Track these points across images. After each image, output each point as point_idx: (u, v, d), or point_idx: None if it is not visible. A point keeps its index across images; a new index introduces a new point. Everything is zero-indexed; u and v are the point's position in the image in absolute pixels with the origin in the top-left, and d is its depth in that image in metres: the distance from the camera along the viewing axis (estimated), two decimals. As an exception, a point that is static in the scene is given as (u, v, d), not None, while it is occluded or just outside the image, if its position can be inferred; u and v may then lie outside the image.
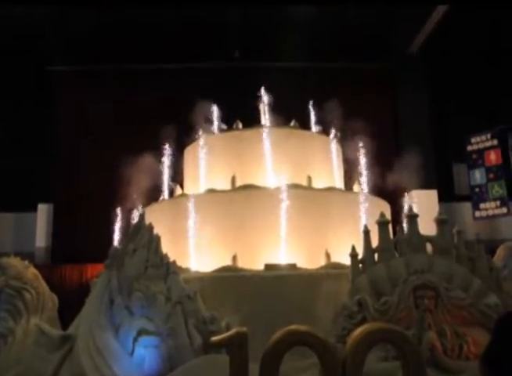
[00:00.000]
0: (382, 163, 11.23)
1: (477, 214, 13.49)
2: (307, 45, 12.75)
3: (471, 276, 5.40)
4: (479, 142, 13.81)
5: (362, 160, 10.28)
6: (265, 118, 9.96)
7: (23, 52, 13.55)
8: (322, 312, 6.58)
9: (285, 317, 6.30)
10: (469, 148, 13.91)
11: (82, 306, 5.93)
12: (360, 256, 5.92)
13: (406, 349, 4.23)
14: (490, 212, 13.32)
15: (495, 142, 13.57)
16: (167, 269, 5.46)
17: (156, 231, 5.98)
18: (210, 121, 10.41)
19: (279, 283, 6.84)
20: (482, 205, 13.39)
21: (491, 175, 13.47)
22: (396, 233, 6.22)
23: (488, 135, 13.64)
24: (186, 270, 7.30)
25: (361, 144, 10.39)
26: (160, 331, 4.92)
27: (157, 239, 5.68)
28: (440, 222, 5.82)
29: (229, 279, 6.88)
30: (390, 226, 6.34)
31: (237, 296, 6.69)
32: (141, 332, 4.93)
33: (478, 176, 13.66)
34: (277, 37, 12.61)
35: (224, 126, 10.12)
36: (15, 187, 13.28)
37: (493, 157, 13.57)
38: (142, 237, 5.63)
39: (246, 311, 6.42)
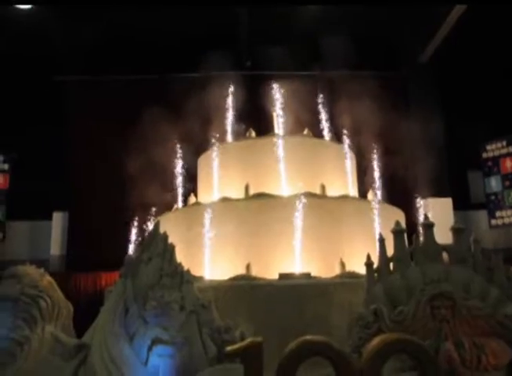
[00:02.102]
0: (396, 171, 11.19)
1: (494, 222, 13.35)
2: (319, 53, 12.78)
3: (489, 285, 5.31)
4: (494, 149, 13.70)
5: (376, 169, 10.24)
6: (278, 127, 9.99)
7: (31, 61, 13.71)
8: (337, 321, 6.55)
9: (299, 327, 6.29)
10: (484, 155, 13.80)
11: (97, 314, 5.94)
12: (375, 265, 5.86)
13: (423, 360, 4.18)
14: (506, 220, 13.17)
15: (511, 149, 13.43)
16: (181, 277, 5.44)
17: (170, 240, 6.00)
18: (223, 130, 10.46)
19: (294, 292, 6.82)
20: (498, 213, 13.25)
21: (507, 183, 13.34)
22: (411, 242, 6.17)
23: (504, 142, 13.53)
24: (200, 279, 7.31)
25: (374, 152, 10.36)
26: (174, 341, 4.90)
27: (172, 248, 5.67)
28: (456, 231, 5.75)
29: (243, 288, 6.87)
30: (405, 235, 6.30)
31: (251, 305, 6.68)
32: (155, 341, 4.91)
33: (494, 184, 13.53)
34: (289, 47, 12.65)
35: (237, 135, 10.16)
36: (30, 195, 13.41)
37: (509, 165, 13.45)
38: (157, 246, 5.63)
39: (260, 320, 6.40)
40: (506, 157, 13.44)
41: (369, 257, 5.82)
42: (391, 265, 5.78)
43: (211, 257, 7.76)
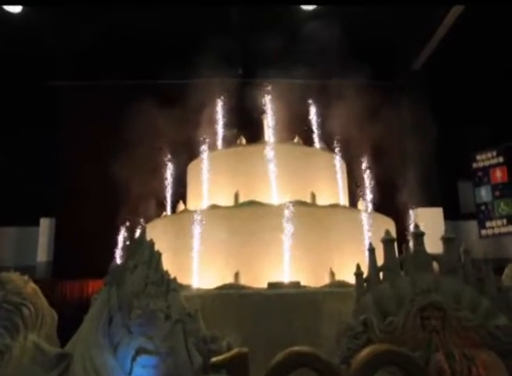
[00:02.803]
0: (386, 180, 11.15)
1: (484, 232, 13.37)
2: (310, 61, 12.77)
3: (479, 296, 5.25)
4: (484, 159, 13.75)
5: (367, 178, 10.20)
6: (269, 134, 9.93)
7: (23, 65, 13.60)
8: (326, 331, 6.45)
9: (288, 337, 6.19)
10: (474, 165, 13.84)
11: (82, 323, 5.82)
12: (365, 275, 5.79)
13: (413, 372, 4.11)
14: (496, 230, 13.19)
15: (501, 159, 13.51)
16: (167, 286, 5.33)
17: (157, 247, 5.89)
18: (213, 138, 10.39)
19: (282, 301, 6.73)
20: (488, 223, 13.27)
21: (497, 193, 13.37)
22: (402, 252, 6.11)
23: (494, 153, 13.58)
24: (187, 287, 7.19)
25: (365, 161, 10.33)
26: (159, 351, 4.78)
27: (158, 255, 5.56)
28: (447, 241, 5.70)
29: (231, 297, 6.77)
30: (395, 244, 6.24)
31: (239, 314, 6.58)
32: (139, 351, 4.79)
33: (484, 194, 13.57)
34: (280, 54, 12.63)
35: (229, 139, 10.10)
36: (17, 201, 13.24)
37: (499, 175, 13.49)
38: (143, 254, 5.52)
39: (248, 330, 6.30)
40: (497, 167, 13.49)
41: (358, 266, 5.75)
42: (381, 274, 5.71)
43: (199, 265, 7.65)
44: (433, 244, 5.89)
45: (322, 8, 13.19)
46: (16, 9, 13.08)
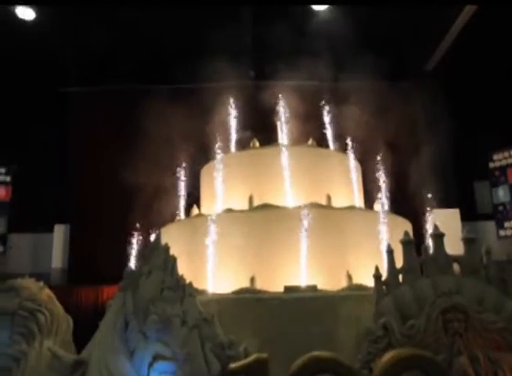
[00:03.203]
0: (402, 182, 11.01)
1: (502, 233, 13.12)
2: (323, 63, 12.68)
3: (503, 298, 5.11)
4: (501, 158, 13.51)
5: (382, 179, 10.07)
6: (283, 137, 9.85)
7: (34, 72, 13.68)
8: (344, 335, 6.35)
9: (305, 341, 6.08)
10: (491, 165, 13.61)
11: (97, 329, 5.78)
12: (384, 277, 5.67)
13: (437, 377, 3.99)
14: (515, 231, 12.95)
15: (519, 159, 13.26)
16: (183, 291, 5.26)
17: (172, 252, 5.82)
18: (226, 141, 10.34)
19: (299, 305, 6.63)
20: (507, 224, 13.02)
21: (515, 193, 13.13)
22: (419, 254, 5.99)
23: (511, 152, 13.32)
24: (203, 292, 7.12)
25: (380, 162, 10.20)
26: (176, 357, 4.71)
27: (173, 260, 5.49)
28: (468, 241, 5.56)
29: (248, 301, 6.69)
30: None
31: (256, 319, 6.49)
32: (156, 357, 4.72)
33: (502, 194, 13.33)
34: (293, 56, 12.57)
35: (243, 142, 10.05)
36: (32, 207, 13.30)
37: (517, 174, 13.25)
38: (158, 258, 5.46)
39: (265, 334, 6.21)
40: (514, 166, 13.28)
41: (377, 269, 5.63)
42: (400, 277, 5.59)
43: (215, 270, 7.57)
44: (450, 246, 5.76)
45: (335, 8, 13.10)
46: (28, 15, 13.20)
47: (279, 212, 7.84)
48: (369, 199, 9.61)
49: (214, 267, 7.55)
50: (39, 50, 13.54)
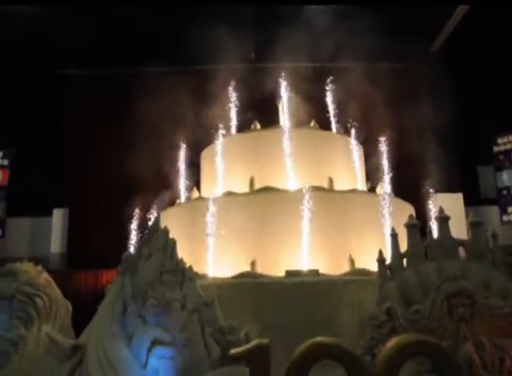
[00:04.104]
0: (405, 165, 10.87)
1: (505, 218, 13.01)
2: (325, 45, 12.45)
3: (510, 283, 4.99)
4: (506, 142, 13.35)
5: (385, 162, 9.93)
6: (284, 119, 9.69)
7: (32, 56, 13.46)
8: (347, 320, 6.26)
9: (307, 326, 6.00)
10: (495, 149, 13.43)
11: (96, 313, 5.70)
12: (387, 261, 5.55)
13: (443, 363, 3.87)
14: (518, 216, 12.83)
15: (524, 142, 13.09)
16: (183, 274, 5.15)
17: (172, 235, 5.71)
18: (227, 123, 10.19)
19: (301, 290, 6.54)
20: (510, 209, 12.88)
21: (519, 177, 12.98)
22: (422, 238, 5.86)
23: (516, 136, 13.15)
24: (203, 276, 7.03)
25: (383, 146, 10.05)
26: (175, 342, 4.60)
27: (173, 243, 5.37)
28: (473, 225, 5.43)
29: (248, 286, 6.60)
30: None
31: (257, 304, 6.40)
32: (155, 342, 4.62)
33: (506, 178, 13.18)
34: (294, 38, 12.32)
35: (245, 123, 9.89)
36: (31, 191, 13.17)
37: (522, 158, 13.08)
38: (157, 241, 5.34)
39: (266, 319, 6.13)
40: (519, 150, 13.09)
41: (381, 253, 5.51)
42: (405, 261, 5.47)
43: (215, 253, 7.47)
44: (453, 231, 5.62)
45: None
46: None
47: (280, 195, 7.72)
48: (372, 182, 9.48)
49: (214, 251, 7.46)
50: (36, 33, 13.29)
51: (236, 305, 6.10)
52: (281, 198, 7.64)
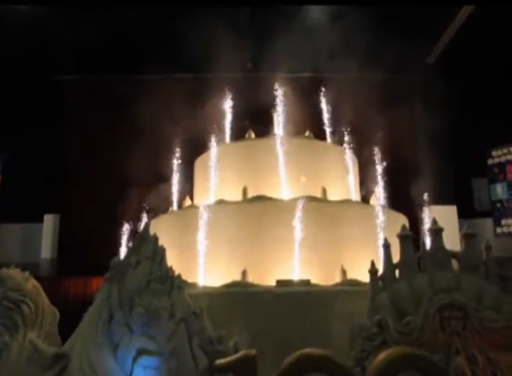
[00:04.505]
0: (400, 177, 10.84)
1: (499, 230, 12.98)
2: (321, 55, 12.46)
3: (503, 295, 4.92)
4: (500, 155, 13.35)
5: (379, 174, 9.89)
6: (278, 128, 9.65)
7: (26, 61, 13.41)
8: (338, 331, 6.17)
9: (298, 337, 5.91)
10: (490, 161, 13.43)
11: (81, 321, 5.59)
12: (380, 272, 5.48)
13: (434, 377, 3.80)
14: (512, 229, 12.80)
15: (518, 155, 13.10)
16: (171, 283, 5.05)
17: (161, 243, 5.61)
18: (221, 131, 10.14)
19: (292, 300, 6.46)
20: (504, 221, 12.87)
21: (513, 190, 12.97)
22: (416, 249, 5.79)
23: (511, 148, 13.15)
24: (193, 285, 6.93)
25: (377, 157, 10.02)
26: (161, 351, 4.50)
27: (162, 251, 5.28)
28: (467, 237, 5.37)
29: (239, 295, 6.50)
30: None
31: (247, 314, 6.31)
32: (141, 352, 4.51)
33: (500, 191, 13.17)
34: (291, 49, 12.33)
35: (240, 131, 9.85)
36: (22, 197, 13.05)
37: (516, 171, 13.09)
38: (146, 249, 5.25)
39: (256, 330, 6.04)
40: (513, 163, 13.11)
41: (373, 264, 5.44)
42: (397, 272, 5.40)
43: (206, 262, 7.37)
44: (446, 243, 5.55)
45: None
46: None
47: (272, 204, 7.64)
48: (366, 192, 9.44)
49: (205, 259, 7.36)
50: (31, 38, 13.24)
51: (226, 314, 6.01)
52: (274, 207, 7.57)
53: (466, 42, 12.75)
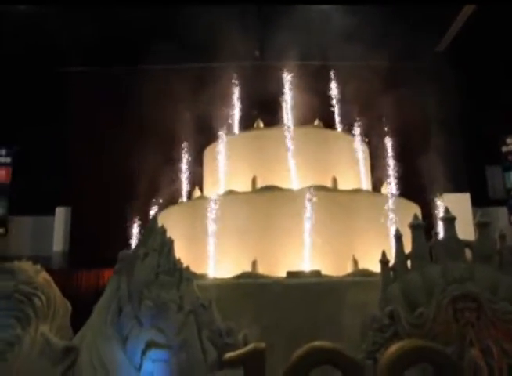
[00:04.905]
0: (411, 165, 10.69)
1: (514, 219, 12.77)
2: (330, 43, 12.29)
3: (518, 286, 4.81)
4: (515, 142, 13.10)
5: (391, 162, 9.76)
6: (288, 118, 9.54)
7: (34, 54, 13.40)
8: (349, 323, 6.08)
9: (308, 329, 5.86)
10: (504, 149, 13.19)
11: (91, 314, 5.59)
12: (391, 263, 5.38)
13: (447, 370, 3.72)
14: (527, 217, 12.59)
15: (533, 142, 12.85)
16: (180, 275, 5.01)
17: (172, 235, 5.57)
18: (230, 121, 10.06)
19: (303, 291, 6.40)
20: (519, 209, 12.66)
21: (529, 178, 12.75)
22: (428, 239, 5.67)
23: (525, 135, 12.92)
24: (203, 276, 6.90)
25: (389, 145, 9.88)
26: (171, 344, 4.47)
27: (170, 243, 5.23)
28: (481, 226, 5.25)
29: (249, 286, 6.46)
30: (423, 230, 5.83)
31: (257, 305, 6.26)
32: (150, 344, 4.48)
33: (515, 179, 12.94)
34: (299, 36, 12.16)
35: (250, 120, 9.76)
36: (33, 190, 13.12)
37: (530, 158, 12.84)
38: (154, 241, 5.21)
39: (266, 321, 5.99)
40: (528, 150, 12.86)
41: (384, 254, 5.34)
42: (409, 262, 5.30)
43: (216, 253, 7.34)
44: (460, 232, 5.43)
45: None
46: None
47: (282, 194, 7.57)
48: (378, 182, 9.31)
49: (215, 250, 7.33)
50: (38, 31, 13.21)
51: (235, 306, 5.97)
52: (283, 197, 7.50)
53: (477, 30, 12.51)
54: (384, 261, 5.29)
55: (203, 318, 4.74)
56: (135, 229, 10.54)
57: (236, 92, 10.51)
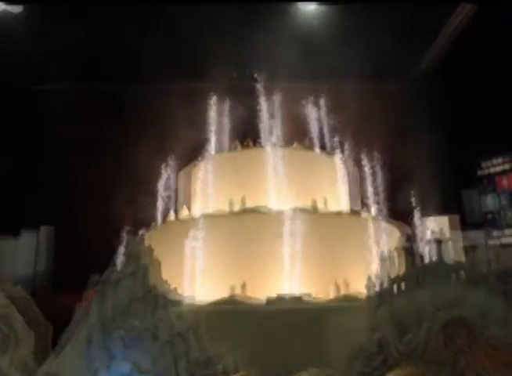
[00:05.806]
0: (391, 188, 10.62)
1: (491, 242, 12.76)
2: (312, 64, 12.29)
3: (509, 310, 4.64)
4: (490, 166, 13.19)
5: (369, 187, 9.65)
6: (268, 139, 9.36)
7: (5, 70, 13.08)
8: (333, 350, 5.80)
9: (289, 357, 5.54)
10: (479, 173, 13.27)
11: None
12: (376, 287, 5.16)
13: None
14: (504, 240, 12.60)
15: (507, 166, 12.95)
16: (155, 302, 4.71)
17: (146, 260, 5.26)
18: (209, 143, 9.86)
19: (283, 319, 6.09)
20: (495, 233, 12.67)
21: (504, 202, 12.80)
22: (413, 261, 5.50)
23: (500, 160, 13.02)
24: (180, 303, 6.53)
25: (370, 167, 9.79)
26: (145, 377, 4.15)
27: (145, 268, 4.94)
28: (469, 249, 5.11)
29: (227, 313, 6.12)
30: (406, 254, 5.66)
31: (236, 333, 5.92)
32: (122, 379, 4.16)
33: (490, 202, 12.99)
34: (281, 57, 12.13)
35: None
36: (16, 210, 12.72)
37: (505, 182, 12.92)
38: (127, 266, 4.90)
39: (246, 350, 5.65)
40: (503, 174, 12.94)
41: (370, 278, 5.14)
42: (395, 286, 5.10)
43: (194, 277, 6.98)
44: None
45: (325, 8, 12.76)
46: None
47: (261, 217, 7.33)
48: (355, 203, 9.18)
49: (193, 274, 6.98)
50: (14, 47, 12.92)
51: (214, 334, 5.63)
52: (262, 220, 7.25)
53: (458, 54, 12.69)
54: (370, 285, 5.09)
55: (179, 348, 4.45)
56: (119, 249, 10.17)
57: (214, 113, 10.33)
